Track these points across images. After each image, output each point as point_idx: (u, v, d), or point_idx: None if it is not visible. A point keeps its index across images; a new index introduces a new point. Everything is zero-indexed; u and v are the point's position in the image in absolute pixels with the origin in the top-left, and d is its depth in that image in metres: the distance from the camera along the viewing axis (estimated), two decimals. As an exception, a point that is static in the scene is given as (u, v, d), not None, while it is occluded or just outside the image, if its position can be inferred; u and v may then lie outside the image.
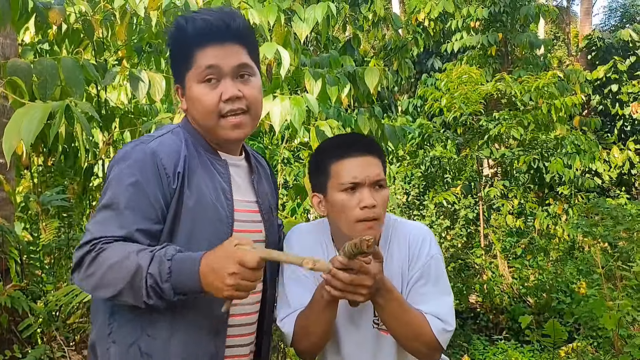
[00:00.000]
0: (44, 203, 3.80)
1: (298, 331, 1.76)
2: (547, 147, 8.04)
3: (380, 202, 1.75)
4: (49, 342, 3.50)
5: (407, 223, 1.91)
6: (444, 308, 1.75)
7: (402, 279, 1.81)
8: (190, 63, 1.65)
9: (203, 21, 1.64)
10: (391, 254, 1.83)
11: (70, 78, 2.85)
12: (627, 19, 20.26)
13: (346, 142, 1.84)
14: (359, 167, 1.75)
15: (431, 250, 1.81)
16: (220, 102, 1.64)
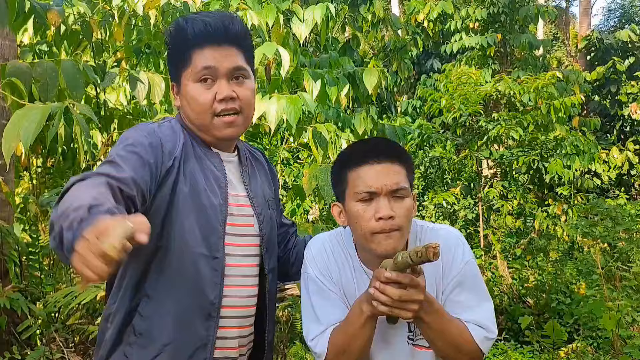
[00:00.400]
0: (43, 204, 3.80)
1: (333, 350, 1.69)
2: (546, 148, 8.04)
3: (401, 212, 1.64)
4: (48, 343, 3.49)
5: (435, 228, 1.80)
6: (484, 314, 1.69)
7: (437, 289, 1.72)
8: (187, 62, 1.70)
9: (202, 23, 1.69)
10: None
11: (70, 81, 2.86)
12: (626, 20, 20.27)
13: (365, 148, 1.75)
14: (376, 176, 1.65)
15: (465, 256, 1.72)
16: (214, 102, 1.68)
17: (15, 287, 3.41)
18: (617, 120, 13.32)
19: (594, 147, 8.33)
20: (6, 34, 3.81)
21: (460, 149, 8.81)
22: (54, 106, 2.23)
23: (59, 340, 3.54)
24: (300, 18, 3.49)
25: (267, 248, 1.81)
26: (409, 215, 1.67)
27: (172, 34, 1.74)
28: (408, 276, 1.49)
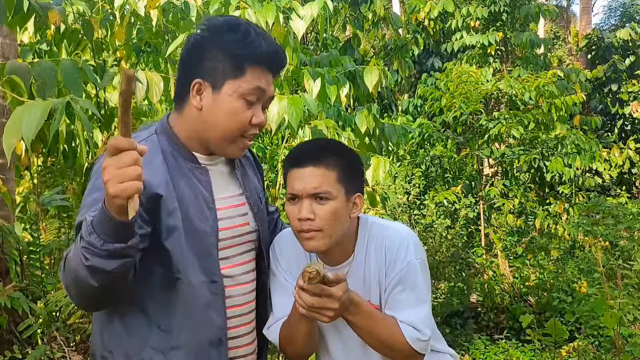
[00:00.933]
0: (44, 203, 3.80)
1: (282, 339, 1.78)
2: (547, 147, 8.03)
3: (322, 214, 1.67)
4: (49, 342, 3.49)
5: (385, 226, 1.84)
6: (418, 316, 1.72)
7: (380, 285, 1.78)
8: (240, 73, 1.61)
9: (272, 48, 1.66)
10: (368, 259, 1.79)
11: (69, 80, 2.85)
12: (627, 18, 20.25)
13: (298, 151, 1.79)
14: (299, 179, 1.70)
15: (408, 256, 1.75)
16: (249, 124, 1.64)
17: (16, 286, 3.41)
18: (618, 118, 13.31)
19: (595, 145, 8.32)
20: (6, 33, 3.81)
21: (461, 148, 8.81)
22: (56, 102, 2.22)
23: (60, 339, 3.54)
24: (299, 14, 3.48)
25: (263, 243, 1.85)
26: (330, 217, 1.69)
27: (232, 36, 1.62)
28: (319, 287, 1.54)
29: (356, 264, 1.80)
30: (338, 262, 1.81)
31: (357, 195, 1.76)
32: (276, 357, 4.41)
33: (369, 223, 1.84)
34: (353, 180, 1.76)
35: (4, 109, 3.79)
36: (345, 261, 1.81)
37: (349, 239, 1.80)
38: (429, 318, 1.76)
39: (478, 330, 6.17)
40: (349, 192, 1.74)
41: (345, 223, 1.74)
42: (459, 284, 6.80)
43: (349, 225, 1.77)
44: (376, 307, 1.78)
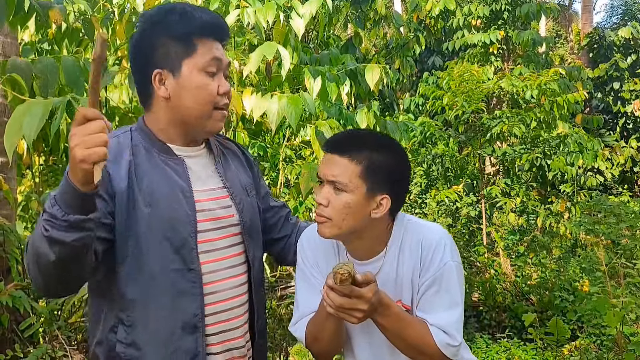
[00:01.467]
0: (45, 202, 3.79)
1: (308, 336, 1.77)
2: (549, 145, 8.02)
3: (334, 204, 1.65)
4: (50, 341, 3.49)
5: (422, 225, 1.79)
6: (450, 320, 1.68)
7: (413, 285, 1.74)
8: (192, 50, 1.65)
9: (211, 16, 1.70)
10: (402, 258, 1.75)
11: (70, 77, 2.85)
12: (629, 17, 20.23)
13: (335, 137, 1.78)
14: (325, 163, 1.69)
15: (445, 257, 1.70)
16: (217, 95, 1.68)
17: (18, 285, 3.41)
18: (619, 117, 13.29)
19: (597, 144, 8.31)
20: (7, 32, 3.81)
21: (463, 147, 8.80)
22: (57, 100, 2.22)
23: (62, 338, 3.54)
24: (299, 13, 3.47)
25: (250, 236, 1.81)
26: (343, 210, 1.66)
27: (171, 19, 1.66)
28: (348, 287, 1.51)
29: (388, 262, 1.76)
30: (367, 257, 1.77)
31: (383, 197, 1.68)
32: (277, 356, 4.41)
33: (405, 221, 1.79)
34: (381, 180, 1.68)
35: (5, 107, 3.79)
36: (375, 257, 1.77)
37: (379, 236, 1.75)
38: (461, 323, 1.71)
39: (480, 329, 6.16)
40: (373, 191, 1.67)
41: (360, 219, 1.68)
42: (461, 282, 6.78)
43: (373, 224, 1.71)
44: (408, 308, 1.75)
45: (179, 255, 1.63)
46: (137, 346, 1.62)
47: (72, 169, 1.33)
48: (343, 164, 1.66)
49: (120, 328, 1.62)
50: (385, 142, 1.76)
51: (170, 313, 1.63)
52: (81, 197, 1.35)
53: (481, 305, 6.52)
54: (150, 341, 1.62)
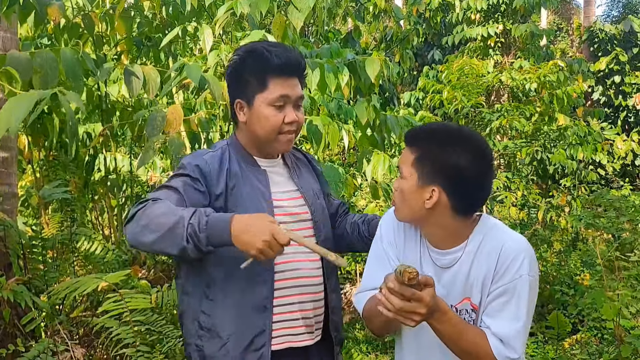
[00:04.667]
0: (44, 196, 3.80)
1: (365, 312, 1.87)
2: (549, 139, 8.01)
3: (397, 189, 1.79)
4: (52, 335, 3.50)
5: (506, 232, 1.79)
6: (512, 331, 1.68)
7: (483, 288, 1.74)
8: (263, 87, 2.00)
9: (286, 57, 2.01)
10: (479, 259, 1.75)
11: (70, 71, 2.85)
12: (629, 10, 20.17)
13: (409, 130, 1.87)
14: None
15: (522, 269, 1.70)
16: (282, 124, 2.02)
17: (19, 279, 3.41)
18: (621, 110, 13.27)
19: (598, 136, 8.30)
20: (7, 27, 3.80)
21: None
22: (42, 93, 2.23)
23: (63, 332, 3.54)
24: (296, 6, 3.46)
25: (319, 229, 2.14)
26: (399, 195, 1.79)
27: (251, 60, 2.02)
28: (410, 290, 1.53)
29: (464, 256, 1.77)
30: (446, 247, 1.80)
31: (432, 189, 1.72)
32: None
33: (490, 225, 1.80)
34: (431, 171, 1.72)
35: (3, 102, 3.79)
36: (453, 248, 1.79)
37: (451, 230, 1.77)
38: (523, 337, 1.71)
39: (480, 323, 6.16)
40: (423, 181, 1.73)
41: (416, 208, 1.75)
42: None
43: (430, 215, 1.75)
44: (475, 307, 1.77)
45: None
46: (215, 318, 1.97)
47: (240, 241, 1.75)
48: (405, 153, 1.78)
49: (204, 301, 1.98)
50: (452, 137, 1.76)
51: (243, 294, 1.96)
52: (225, 244, 1.77)
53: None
54: (225, 315, 1.97)
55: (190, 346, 2.04)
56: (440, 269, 1.81)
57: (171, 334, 3.26)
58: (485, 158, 1.75)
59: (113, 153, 5.35)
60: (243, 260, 1.82)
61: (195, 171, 1.98)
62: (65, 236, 4.18)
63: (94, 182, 5.21)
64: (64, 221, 4.31)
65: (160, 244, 1.81)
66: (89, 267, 4.36)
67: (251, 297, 1.97)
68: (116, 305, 2.96)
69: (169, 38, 3.83)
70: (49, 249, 4.21)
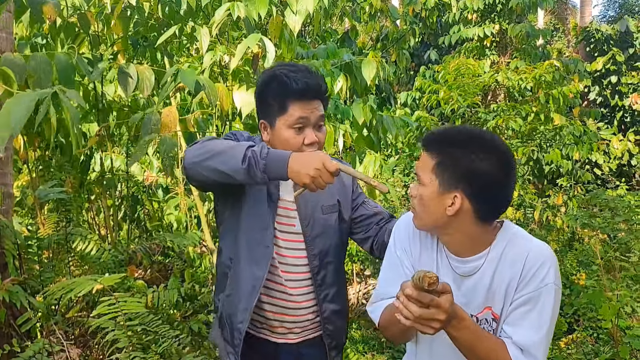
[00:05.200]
0: (40, 196, 3.79)
1: (381, 322, 1.86)
2: (545, 138, 8.01)
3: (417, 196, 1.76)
4: (47, 336, 3.49)
5: (530, 240, 1.76)
6: (534, 340, 1.65)
7: (506, 296, 1.71)
8: (284, 110, 2.11)
9: (305, 83, 2.10)
10: (502, 267, 1.72)
11: (63, 75, 2.85)
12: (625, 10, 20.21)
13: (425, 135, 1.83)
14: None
15: (547, 278, 1.67)
16: (302, 145, 2.11)
17: (15, 279, 3.40)
18: (617, 111, 13.29)
19: (594, 136, 8.31)
20: (2, 27, 3.79)
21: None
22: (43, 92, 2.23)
23: (59, 332, 3.54)
24: (293, 9, 3.46)
25: (312, 246, 2.25)
26: (419, 202, 1.75)
27: (271, 84, 2.14)
28: (428, 296, 1.50)
29: (486, 264, 1.74)
30: (466, 254, 1.77)
31: (454, 195, 1.69)
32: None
33: (512, 232, 1.78)
34: (453, 176, 1.68)
35: (0, 104, 3.77)
36: (474, 256, 1.76)
37: (473, 237, 1.74)
38: (545, 346, 1.67)
39: (477, 322, 6.16)
40: (444, 187, 1.69)
41: (438, 215, 1.72)
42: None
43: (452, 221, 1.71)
44: (496, 317, 1.74)
45: (262, 232, 2.17)
46: (232, 288, 2.22)
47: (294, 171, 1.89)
48: (423, 158, 1.74)
49: (229, 271, 2.24)
50: (474, 142, 1.72)
51: (247, 274, 2.18)
52: (279, 176, 1.92)
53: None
54: (236, 289, 2.21)
55: (220, 296, 2.31)
56: (460, 277, 1.78)
57: (167, 334, 3.25)
58: (508, 162, 1.73)
59: (109, 153, 5.34)
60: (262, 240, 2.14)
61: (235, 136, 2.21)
62: (61, 236, 4.17)
63: (90, 182, 5.20)
64: (60, 221, 4.29)
65: (214, 162, 1.97)
66: (85, 268, 4.35)
67: (252, 276, 2.18)
68: (110, 309, 2.94)
69: (165, 37, 3.83)
70: (45, 249, 4.20)
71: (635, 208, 6.67)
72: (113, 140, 5.40)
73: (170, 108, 3.41)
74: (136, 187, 5.91)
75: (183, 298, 4.21)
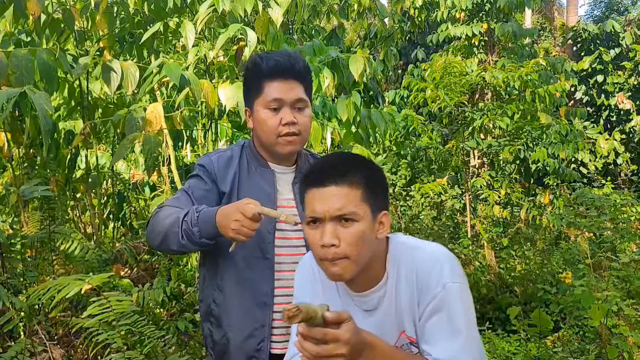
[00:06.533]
0: (24, 195, 3.74)
1: None
2: (531, 137, 8.04)
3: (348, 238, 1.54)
4: (30, 336, 3.45)
5: (415, 246, 1.65)
6: (453, 351, 1.52)
7: (413, 315, 1.60)
8: (260, 92, 2.11)
9: (274, 60, 2.10)
10: (399, 286, 1.62)
11: (44, 73, 2.83)
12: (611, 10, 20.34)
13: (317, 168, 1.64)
14: (320, 200, 1.56)
15: (443, 278, 1.55)
16: (280, 125, 2.10)
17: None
18: (603, 110, 13.38)
19: (580, 135, 8.35)
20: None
21: (447, 140, 8.81)
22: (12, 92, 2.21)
23: (42, 333, 3.49)
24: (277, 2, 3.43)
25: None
26: (358, 242, 1.54)
27: (249, 68, 2.16)
28: (321, 331, 1.34)
29: (387, 291, 1.63)
30: (366, 288, 1.65)
31: (383, 214, 1.60)
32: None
33: (399, 243, 1.67)
34: (378, 197, 1.60)
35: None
36: (374, 286, 1.64)
37: (378, 262, 1.63)
38: (471, 348, 1.55)
39: (464, 321, 6.17)
40: (375, 211, 1.58)
41: (372, 246, 1.58)
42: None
43: (377, 247, 1.60)
44: (412, 340, 1.62)
45: (259, 247, 2.09)
46: (221, 308, 2.14)
47: (222, 228, 1.88)
48: (344, 192, 1.55)
49: (216, 291, 2.15)
50: (364, 159, 1.67)
51: (246, 290, 2.11)
52: (216, 235, 1.92)
53: (465, 297, 6.52)
54: (231, 307, 2.13)
55: (204, 329, 2.24)
56: (368, 312, 1.66)
57: (152, 334, 3.22)
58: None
59: (95, 150, 5.28)
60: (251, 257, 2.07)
61: (200, 171, 2.16)
62: (45, 235, 4.12)
63: (75, 180, 5.15)
64: (44, 219, 4.24)
65: (165, 244, 2.02)
66: (70, 267, 4.30)
67: (253, 293, 2.11)
68: (102, 309, 2.90)
69: (149, 34, 3.79)
70: (29, 248, 4.15)
71: (621, 207, 6.71)
72: (99, 138, 5.34)
73: (155, 105, 3.37)
74: (122, 185, 5.86)
75: (169, 297, 4.18)
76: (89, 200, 5.17)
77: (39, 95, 2.35)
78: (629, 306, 3.83)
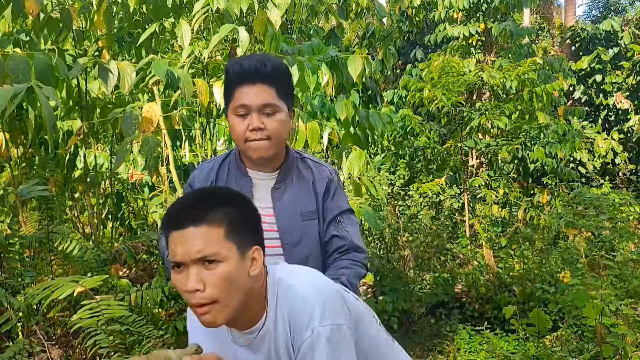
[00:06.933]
0: (22, 194, 3.74)
1: None
2: (529, 137, 8.05)
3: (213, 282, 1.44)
4: (28, 336, 3.45)
5: (291, 287, 1.52)
6: None
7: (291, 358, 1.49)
8: (230, 98, 2.10)
9: (240, 66, 2.07)
10: (276, 333, 1.51)
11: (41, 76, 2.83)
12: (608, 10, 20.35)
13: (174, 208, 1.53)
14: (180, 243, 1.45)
15: (311, 323, 1.43)
16: (247, 131, 2.07)
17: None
18: (602, 109, 13.38)
19: (578, 135, 8.35)
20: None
21: (445, 139, 8.81)
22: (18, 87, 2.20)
23: (40, 333, 3.49)
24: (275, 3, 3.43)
25: (290, 253, 2.15)
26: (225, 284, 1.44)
27: (225, 75, 2.14)
28: None
29: (269, 330, 1.53)
30: (247, 327, 1.55)
31: (254, 249, 1.50)
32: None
33: (276, 280, 1.55)
34: (247, 232, 1.50)
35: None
36: (256, 324, 1.54)
37: (256, 299, 1.52)
38: None
39: (463, 320, 6.18)
40: (243, 247, 1.47)
41: (244, 285, 1.46)
42: (444, 274, 6.81)
43: (252, 284, 1.50)
44: None
45: None
46: None
47: None
48: (202, 233, 1.43)
49: None
50: (229, 192, 1.60)
51: None
52: None
53: (464, 297, 6.55)
54: None
55: None
56: (253, 349, 1.57)
57: (150, 334, 3.21)
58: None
59: (93, 150, 5.28)
60: None
61: (187, 189, 2.25)
62: (43, 235, 4.12)
63: (74, 180, 5.15)
64: (42, 219, 4.24)
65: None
66: (68, 267, 4.29)
67: None
68: (92, 313, 2.89)
69: (147, 34, 3.79)
70: (27, 248, 4.15)
71: (620, 206, 6.72)
72: (97, 138, 5.34)
73: (151, 104, 3.38)
74: (120, 185, 5.85)
75: (168, 297, 4.17)
76: (87, 200, 5.16)
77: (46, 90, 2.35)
78: (627, 305, 3.83)
